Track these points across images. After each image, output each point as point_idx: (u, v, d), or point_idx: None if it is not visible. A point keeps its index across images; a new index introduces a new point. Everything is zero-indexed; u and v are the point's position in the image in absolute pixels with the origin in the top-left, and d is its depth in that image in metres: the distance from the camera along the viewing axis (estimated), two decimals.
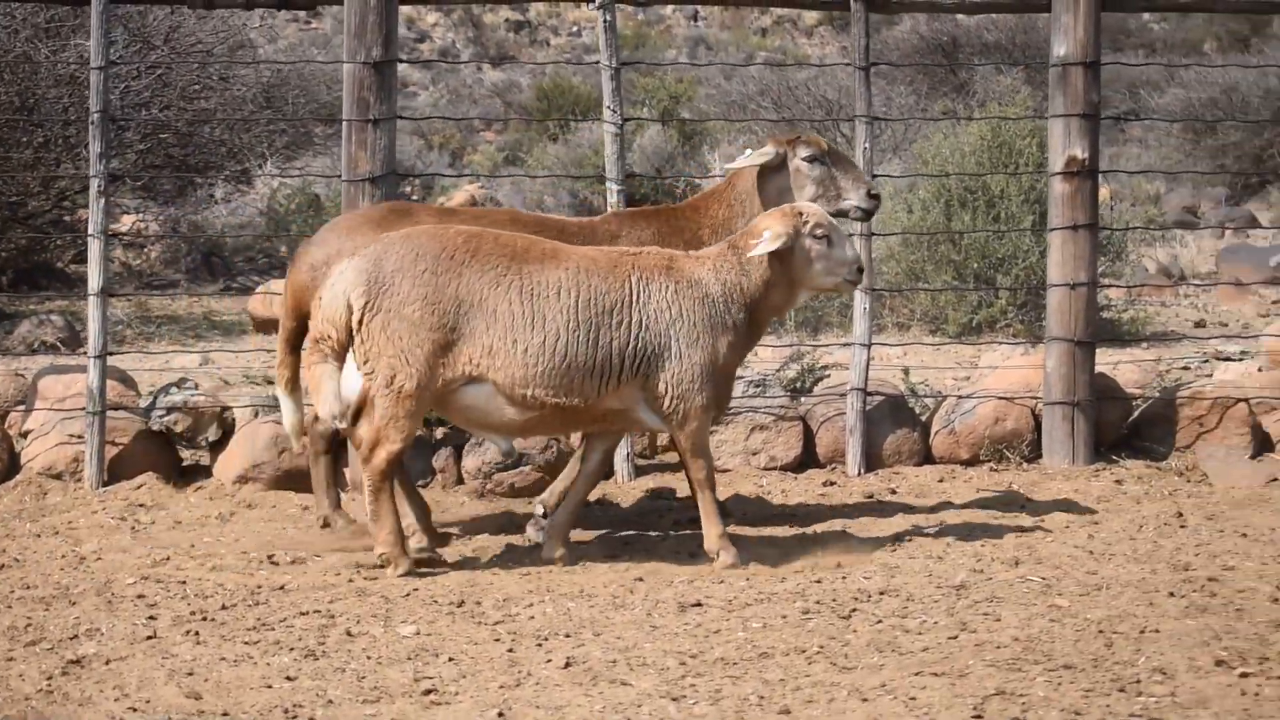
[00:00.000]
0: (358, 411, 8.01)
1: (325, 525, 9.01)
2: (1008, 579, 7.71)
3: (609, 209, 10.26)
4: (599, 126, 10.50)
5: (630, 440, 10.30)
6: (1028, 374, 10.85)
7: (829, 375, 11.15)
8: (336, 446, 9.11)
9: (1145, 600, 7.24)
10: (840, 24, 41.81)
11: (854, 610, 7.20)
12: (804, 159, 8.91)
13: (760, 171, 8.97)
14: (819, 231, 8.18)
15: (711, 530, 8.21)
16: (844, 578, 7.82)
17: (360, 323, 7.83)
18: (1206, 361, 13.74)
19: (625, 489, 10.14)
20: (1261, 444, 10.68)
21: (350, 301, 7.84)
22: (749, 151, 9.10)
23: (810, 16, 50.21)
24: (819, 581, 7.76)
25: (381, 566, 8.09)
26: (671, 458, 10.66)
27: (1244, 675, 6.12)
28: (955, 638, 6.72)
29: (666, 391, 8.01)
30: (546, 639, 6.89)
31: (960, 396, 10.83)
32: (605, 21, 10.33)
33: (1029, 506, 9.52)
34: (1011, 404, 10.63)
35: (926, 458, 10.71)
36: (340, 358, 7.98)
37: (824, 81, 26.48)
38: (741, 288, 8.17)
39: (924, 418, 10.87)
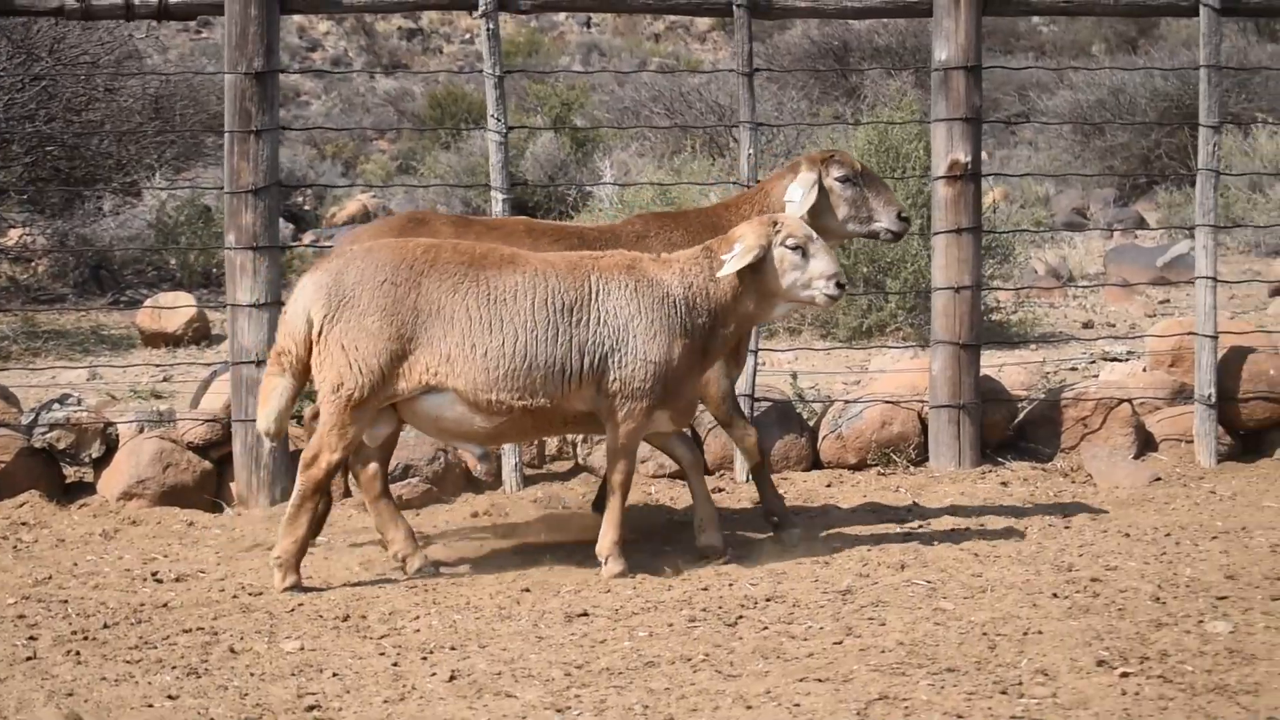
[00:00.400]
0: None
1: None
2: (893, 583, 7.75)
3: (495, 217, 10.24)
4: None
5: (518, 449, 10.28)
6: (914, 377, 10.90)
7: None
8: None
9: (1029, 602, 7.29)
10: (730, 31, 41.89)
11: (740, 617, 7.22)
12: (837, 179, 8.80)
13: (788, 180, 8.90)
14: (791, 243, 8.08)
15: (609, 535, 8.18)
16: (730, 585, 7.83)
17: (320, 334, 7.83)
18: (1094, 362, 13.86)
19: (514, 499, 10.10)
20: (1145, 444, 10.77)
21: (311, 316, 7.85)
22: (799, 189, 8.78)
23: (703, 22, 50.42)
24: (705, 589, 7.77)
25: (274, 572, 8.04)
26: (560, 467, 10.69)
27: (1124, 675, 6.19)
28: (840, 643, 6.75)
29: (616, 387, 7.98)
30: (432, 652, 6.87)
31: (847, 401, 10.87)
32: (488, 29, 10.31)
33: (916, 510, 9.57)
34: (898, 408, 10.67)
35: (814, 463, 10.74)
36: (298, 375, 7.98)
37: (716, 87, 26.57)
38: (708, 293, 8.13)
39: (812, 423, 10.90)
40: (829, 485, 10.29)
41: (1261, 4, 10.93)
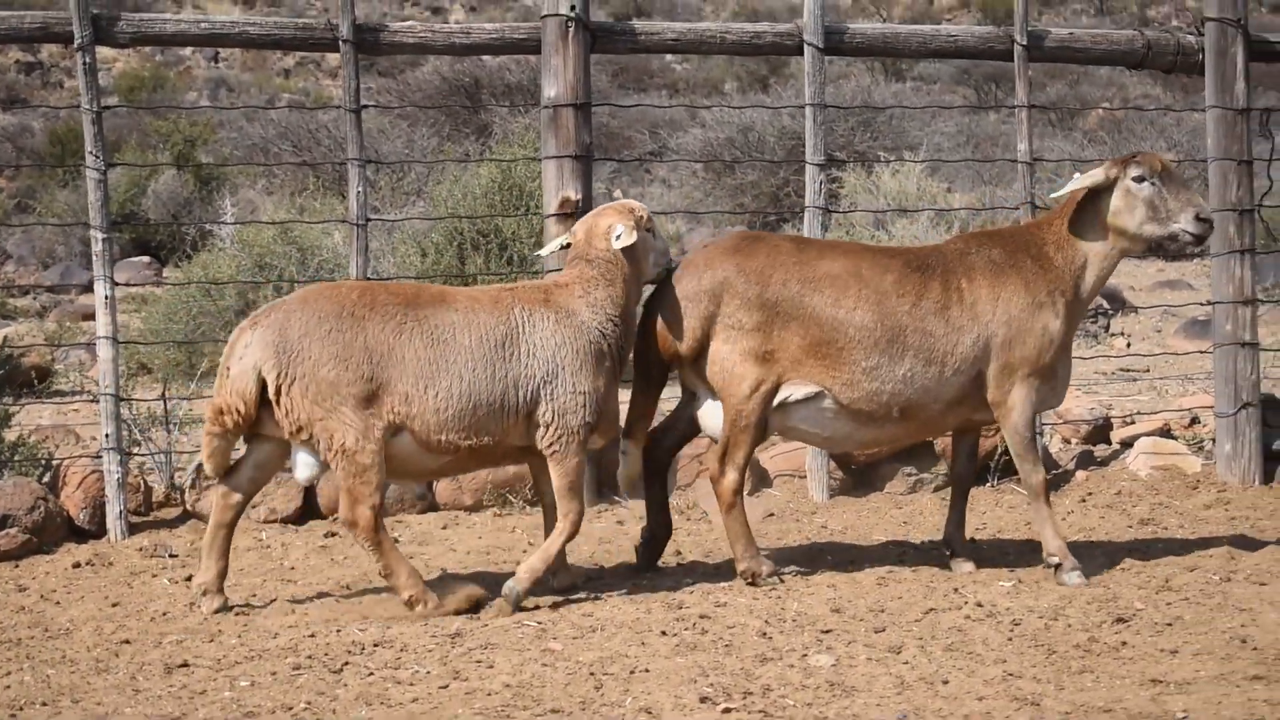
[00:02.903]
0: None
1: None
2: (504, 625, 7.68)
3: (95, 258, 10.00)
4: (111, 172, 10.16)
5: (124, 497, 9.98)
6: None
7: None
8: None
9: (638, 640, 7.28)
10: (362, 66, 41.53)
11: (346, 664, 7.07)
12: (1133, 179, 8.53)
13: (1094, 191, 8.61)
14: (649, 225, 8.36)
15: (537, 565, 8.10)
16: (338, 631, 7.67)
17: (278, 393, 7.71)
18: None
19: (119, 547, 9.80)
20: (760, 480, 10.87)
21: (263, 374, 7.73)
22: (1078, 175, 8.66)
23: (334, 57, 49.75)
24: (312, 636, 7.59)
25: (410, 608, 7.95)
26: (168, 514, 10.43)
27: (726, 710, 6.20)
28: (446, 687, 6.66)
29: (551, 423, 8.02)
30: (21, 709, 6.58)
31: None
32: (85, 64, 10.06)
33: (532, 551, 9.46)
34: None
35: (431, 505, 10.63)
36: (239, 431, 7.91)
37: (346, 124, 26.31)
38: (612, 299, 8.21)
39: None
40: (445, 527, 10.20)
41: (864, 44, 11.13)
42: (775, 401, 8.36)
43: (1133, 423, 12.11)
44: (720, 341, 8.33)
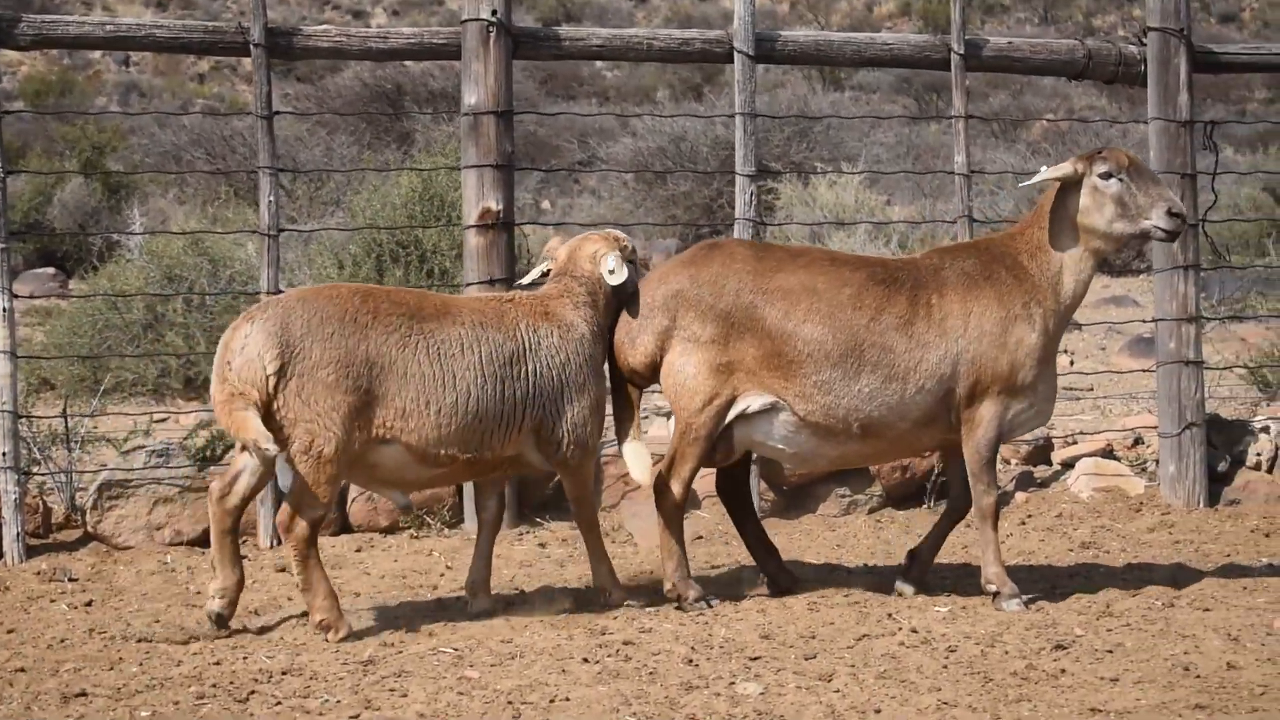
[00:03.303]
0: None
1: None
2: (419, 651, 7.45)
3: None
4: (14, 180, 9.86)
5: (21, 518, 9.67)
6: None
7: None
8: None
9: (558, 668, 7.08)
10: (280, 71, 41.11)
11: (252, 693, 6.83)
12: (1100, 175, 8.22)
13: (1061, 190, 8.34)
14: (631, 255, 8.39)
15: (600, 568, 8.40)
16: (245, 658, 7.42)
17: (275, 388, 7.58)
18: (647, 417, 13.73)
19: (16, 571, 9.51)
20: (688, 501, 10.59)
21: (265, 363, 7.55)
22: (1045, 169, 8.37)
23: (250, 62, 49.19)
24: (218, 663, 7.34)
25: (322, 633, 7.76)
26: (68, 536, 10.21)
27: None
28: (358, 717, 6.45)
29: (564, 436, 8.11)
30: None
31: None
32: None
33: (449, 575, 9.28)
34: None
35: (344, 526, 10.40)
36: (260, 409, 7.60)
37: (258, 131, 25.95)
38: (598, 323, 8.29)
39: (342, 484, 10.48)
40: (359, 550, 9.94)
41: (796, 52, 10.93)
42: (734, 413, 8.18)
43: (1075, 443, 11.92)
44: (676, 354, 8.17)
